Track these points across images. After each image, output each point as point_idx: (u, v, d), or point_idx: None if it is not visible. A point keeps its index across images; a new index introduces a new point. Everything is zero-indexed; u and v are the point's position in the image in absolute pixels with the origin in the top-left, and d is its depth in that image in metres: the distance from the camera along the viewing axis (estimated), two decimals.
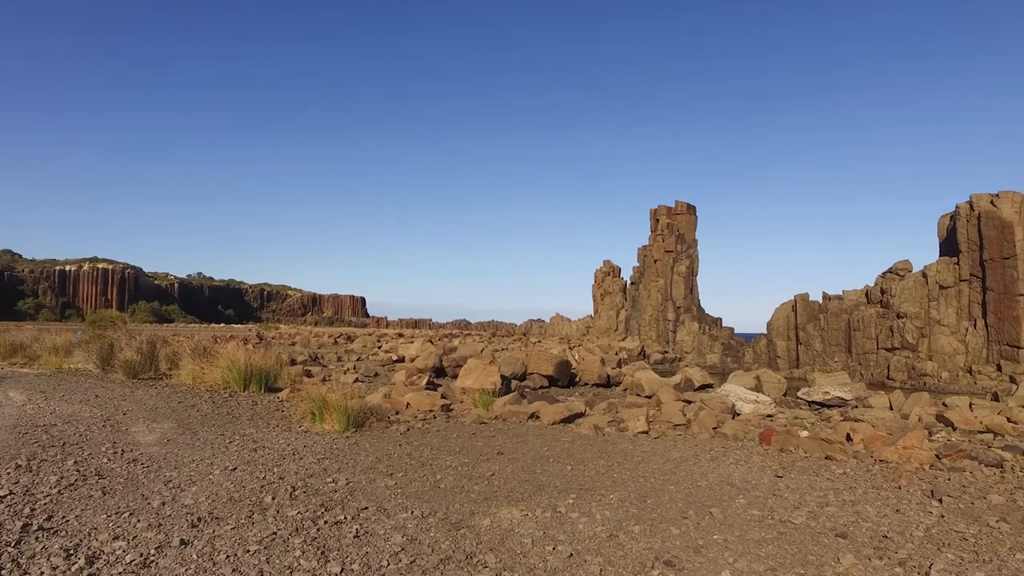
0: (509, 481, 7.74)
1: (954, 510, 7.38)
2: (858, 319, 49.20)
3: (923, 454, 11.40)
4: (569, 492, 7.31)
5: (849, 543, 6.02)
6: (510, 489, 7.36)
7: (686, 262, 69.88)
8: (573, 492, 7.33)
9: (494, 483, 7.61)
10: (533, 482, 7.74)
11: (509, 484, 7.59)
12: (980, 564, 5.60)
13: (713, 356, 59.59)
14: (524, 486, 7.52)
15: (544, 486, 7.55)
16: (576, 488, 7.53)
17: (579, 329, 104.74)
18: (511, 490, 7.32)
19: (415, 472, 7.94)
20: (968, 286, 45.96)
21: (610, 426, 13.20)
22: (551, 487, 7.52)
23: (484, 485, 7.49)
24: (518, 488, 7.42)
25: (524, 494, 7.16)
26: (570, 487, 7.56)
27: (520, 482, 7.71)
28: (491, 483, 7.60)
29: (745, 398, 20.32)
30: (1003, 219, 44.71)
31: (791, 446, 11.88)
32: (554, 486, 7.57)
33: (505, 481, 7.73)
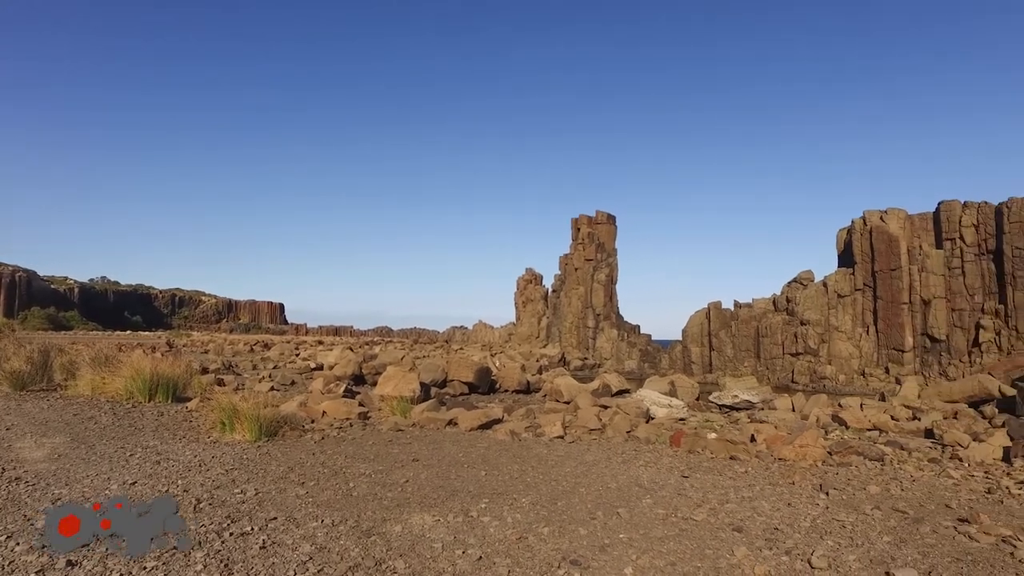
0: (423, 487, 7.76)
1: (838, 501, 7.94)
2: (766, 326, 51.75)
3: (816, 452, 12.17)
4: (482, 497, 7.41)
5: (744, 536, 6.39)
6: (423, 495, 7.39)
7: (606, 270, 71.54)
8: (486, 497, 7.43)
9: (408, 490, 7.62)
10: (447, 488, 7.79)
11: (423, 490, 7.62)
12: (853, 548, 6.08)
13: (631, 362, 61.19)
14: (437, 492, 7.57)
15: (457, 491, 7.62)
16: (489, 493, 7.63)
17: (502, 336, 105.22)
18: (424, 496, 7.35)
19: (327, 481, 7.84)
20: (862, 295, 49.28)
21: (527, 431, 13.39)
22: (464, 492, 7.59)
23: (397, 492, 7.48)
24: (431, 494, 7.45)
25: (437, 500, 7.21)
26: (483, 492, 7.65)
27: (434, 488, 7.75)
28: (404, 490, 7.61)
29: (659, 402, 21.03)
30: (891, 234, 48.26)
31: (699, 447, 12.42)
32: (467, 491, 7.65)
33: (419, 487, 7.75)
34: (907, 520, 7.18)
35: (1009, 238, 44.49)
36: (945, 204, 48.72)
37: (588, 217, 77.30)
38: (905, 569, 5.48)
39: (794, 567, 5.60)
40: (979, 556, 6.01)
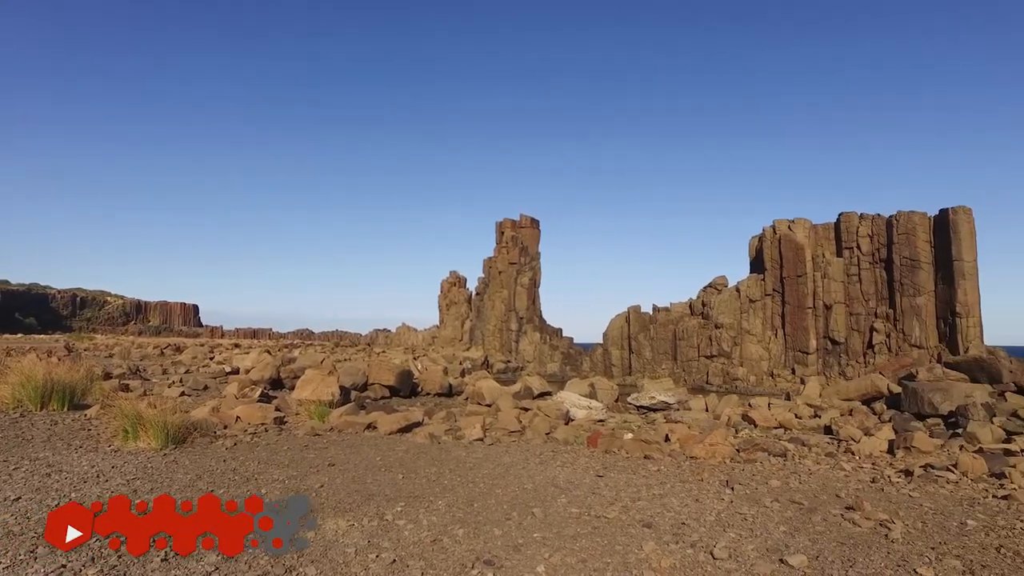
0: (338, 492, 7.65)
1: (742, 496, 8.36)
2: (683, 329, 53.62)
3: (725, 449, 12.74)
4: (398, 500, 7.38)
5: (653, 532, 6.63)
6: (338, 500, 7.29)
7: (529, 274, 72.31)
8: (402, 500, 7.40)
9: (322, 495, 7.49)
10: (363, 492, 7.70)
11: (338, 495, 7.51)
12: (753, 539, 6.44)
13: (553, 365, 62.03)
14: (353, 496, 7.47)
15: (373, 495, 7.55)
16: (406, 496, 7.60)
17: (425, 339, 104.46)
18: (339, 501, 7.25)
19: (238, 488, 7.60)
20: (771, 300, 51.91)
21: (447, 434, 13.39)
22: (380, 496, 7.53)
23: (312, 497, 7.34)
24: (347, 499, 7.35)
25: (352, 504, 7.12)
26: (400, 495, 7.62)
27: (349, 492, 7.65)
28: (319, 495, 7.47)
29: (579, 404, 21.43)
30: (798, 242, 51.11)
31: (615, 448, 12.76)
32: (384, 495, 7.59)
33: (334, 492, 7.63)
34: (802, 510, 7.64)
35: (898, 248, 48.01)
36: (845, 216, 52.05)
37: (512, 221, 77.94)
38: (796, 555, 5.84)
39: (698, 559, 5.86)
40: (860, 539, 6.49)
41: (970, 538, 6.64)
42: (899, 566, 5.74)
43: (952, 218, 46.42)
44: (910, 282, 47.02)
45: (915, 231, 48.03)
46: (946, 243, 46.21)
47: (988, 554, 6.15)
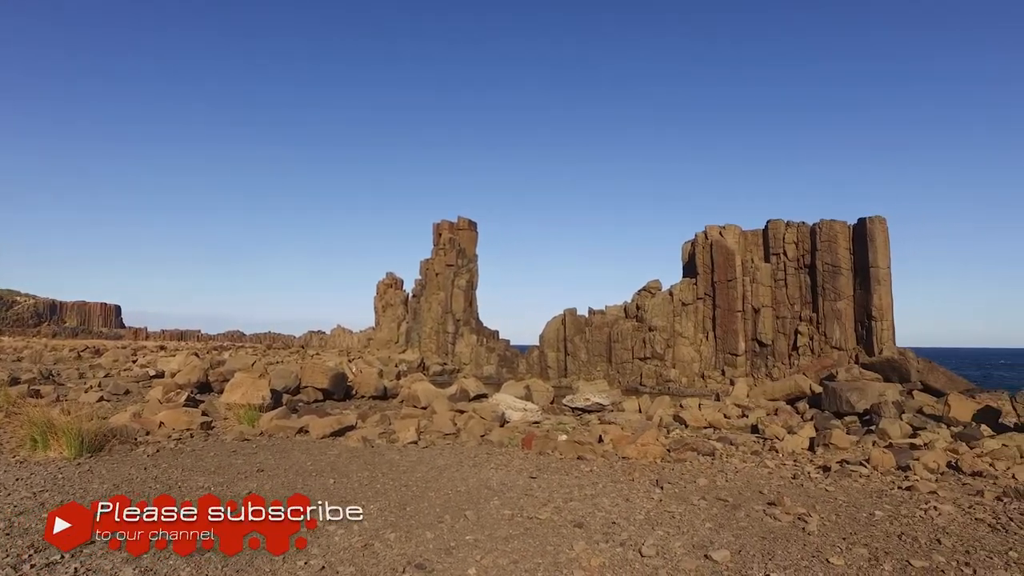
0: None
1: (671, 494, 8.59)
2: (618, 332, 54.60)
3: (656, 449, 13.06)
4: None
5: (584, 531, 6.74)
6: None
7: (466, 276, 72.15)
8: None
9: None
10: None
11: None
12: (680, 536, 6.63)
13: (490, 367, 62.08)
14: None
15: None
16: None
17: (361, 341, 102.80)
18: None
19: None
20: (703, 303, 53.51)
21: (381, 438, 13.23)
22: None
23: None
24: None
25: None
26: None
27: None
28: None
29: (514, 406, 21.53)
30: (728, 248, 52.91)
31: (549, 449, 12.89)
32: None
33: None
34: (727, 507, 7.91)
35: (820, 255, 50.36)
36: (772, 223, 54.21)
37: (450, 223, 77.64)
38: (719, 551, 6.05)
39: (627, 557, 5.99)
40: (779, 533, 6.77)
41: (877, 527, 7.03)
42: (813, 556, 6.02)
43: (869, 227, 49.01)
44: (831, 287, 49.37)
45: (836, 239, 50.47)
46: (864, 250, 48.75)
47: (891, 541, 6.53)
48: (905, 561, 5.91)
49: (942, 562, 5.91)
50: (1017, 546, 6.44)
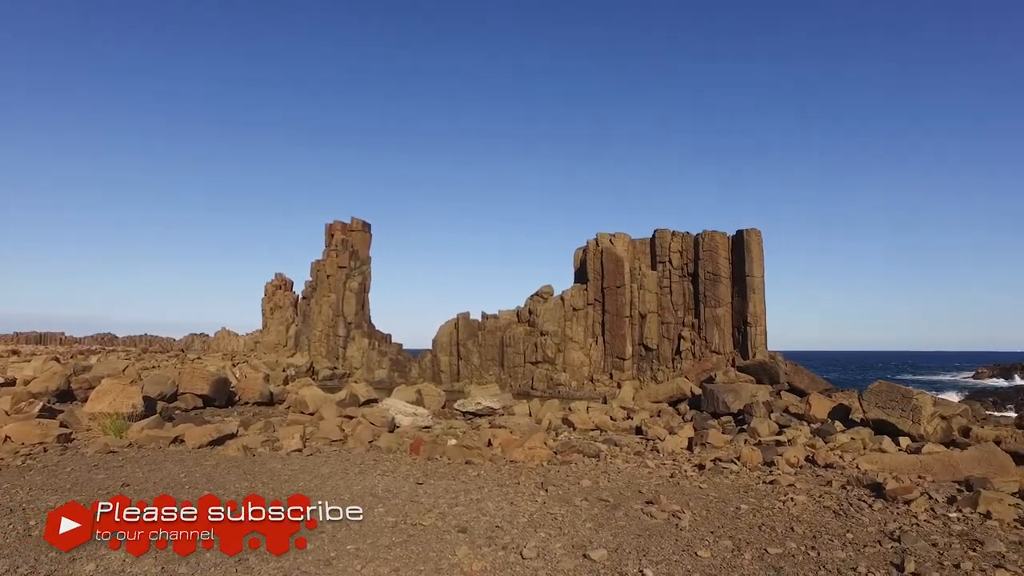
0: None
1: (555, 496, 8.80)
2: (510, 336, 55.26)
3: (543, 452, 13.33)
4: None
5: (467, 536, 6.78)
6: None
7: (359, 278, 70.58)
8: None
9: None
10: None
11: None
12: (561, 537, 6.82)
13: (381, 371, 61.05)
14: None
15: None
16: None
17: (247, 344, 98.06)
18: None
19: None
20: (593, 309, 55.22)
21: (264, 446, 12.70)
22: None
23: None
24: None
25: None
26: None
27: None
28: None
29: (405, 411, 21.30)
30: (617, 255, 54.95)
31: (437, 454, 12.85)
32: None
33: None
34: (608, 507, 8.21)
35: (703, 263, 53.37)
36: (659, 232, 56.87)
37: (343, 223, 75.65)
38: (597, 550, 6.28)
39: (508, 560, 6.09)
40: (655, 530, 7.12)
41: (741, 520, 7.54)
42: (684, 550, 6.37)
43: (746, 238, 52.43)
44: (712, 294, 52.39)
45: (717, 249, 53.63)
46: (741, 260, 52.08)
47: (753, 532, 7.03)
48: (763, 549, 6.38)
49: (793, 548, 6.43)
50: (854, 528, 7.12)
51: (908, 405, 18.46)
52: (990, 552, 6.29)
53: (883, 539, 6.74)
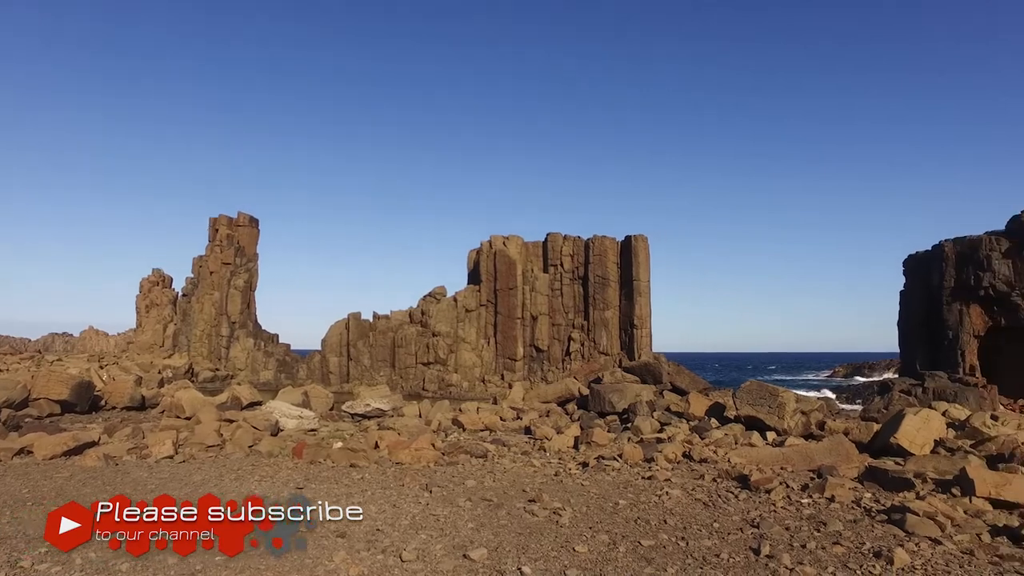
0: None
1: (439, 498, 8.76)
2: (402, 337, 54.60)
3: (430, 453, 13.24)
4: (44, 541, 6.29)
5: (346, 541, 6.61)
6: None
7: (245, 276, 67.32)
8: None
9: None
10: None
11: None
12: (442, 538, 6.80)
13: (267, 373, 58.59)
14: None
15: (7, 537, 6.32)
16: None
17: (119, 345, 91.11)
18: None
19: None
20: (485, 310, 55.62)
21: (130, 454, 11.83)
22: (18, 538, 6.34)
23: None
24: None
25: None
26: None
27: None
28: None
29: (290, 414, 20.53)
30: (510, 257, 55.68)
31: (322, 457, 12.46)
32: (23, 536, 6.41)
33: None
34: (491, 507, 8.27)
35: (592, 267, 55.12)
36: (551, 235, 58.14)
37: (229, 218, 71.83)
38: (478, 549, 6.31)
39: (387, 563, 6.00)
40: (535, 527, 7.25)
41: (619, 515, 7.83)
42: (562, 547, 6.52)
43: (633, 244, 54.67)
44: (601, 297, 54.17)
45: (606, 253, 55.53)
46: (629, 264, 54.24)
47: (629, 526, 7.31)
48: (637, 542, 6.65)
49: (665, 539, 6.75)
50: (721, 517, 7.58)
51: (774, 402, 19.84)
52: (831, 531, 6.89)
53: (745, 526, 7.21)
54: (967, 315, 41.25)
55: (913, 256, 47.87)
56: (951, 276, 42.53)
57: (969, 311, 41.22)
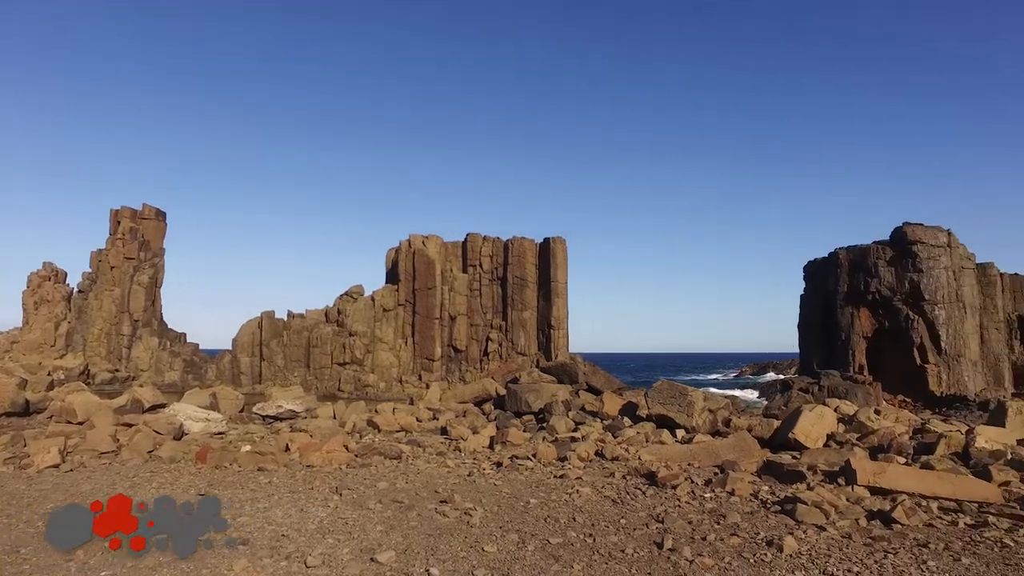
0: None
1: (349, 501, 8.59)
2: (317, 336, 53.22)
3: (342, 455, 12.97)
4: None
5: (248, 549, 6.37)
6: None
7: (150, 271, 63.71)
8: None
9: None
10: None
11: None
12: (350, 542, 6.67)
13: (173, 374, 55.74)
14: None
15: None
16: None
17: (2, 345, 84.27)
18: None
19: None
20: (403, 309, 55.00)
21: (7, 464, 10.97)
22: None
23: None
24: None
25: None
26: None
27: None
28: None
29: (196, 417, 19.66)
30: (429, 257, 55.33)
31: (228, 462, 11.96)
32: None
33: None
34: (402, 508, 8.18)
35: (511, 268, 55.55)
36: (471, 236, 58.15)
37: (132, 210, 67.71)
38: (386, 552, 6.23)
39: (291, 570, 5.83)
40: (446, 528, 7.23)
41: (530, 514, 7.92)
42: (471, 547, 6.53)
43: (552, 246, 55.44)
44: (519, 298, 54.63)
45: (525, 254, 56.06)
46: (547, 266, 54.95)
47: (539, 524, 7.41)
48: (545, 540, 6.74)
49: (573, 536, 6.88)
50: (628, 514, 7.80)
51: (684, 401, 20.59)
52: (729, 523, 7.23)
53: (650, 522, 7.45)
54: (857, 318, 44.19)
55: (812, 263, 50.83)
56: (844, 282, 45.46)
57: (859, 314, 44.18)
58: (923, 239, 42.64)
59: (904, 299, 42.38)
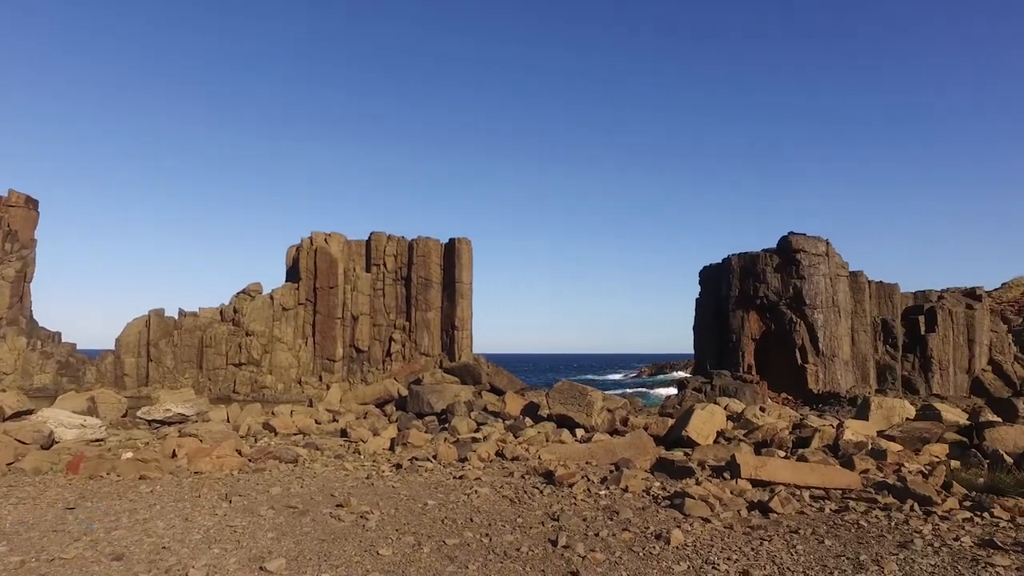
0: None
1: (239, 507, 8.23)
2: (211, 336, 50.65)
3: (234, 460, 12.41)
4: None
5: (123, 564, 5.97)
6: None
7: (17, 264, 58.40)
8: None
9: None
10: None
11: None
12: (238, 551, 6.39)
13: (45, 377, 51.36)
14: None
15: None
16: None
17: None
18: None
19: None
20: (304, 309, 53.33)
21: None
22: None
23: None
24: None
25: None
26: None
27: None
28: None
29: (70, 423, 18.25)
30: (332, 255, 53.93)
31: (104, 471, 11.16)
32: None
33: None
34: (295, 514, 7.92)
35: (416, 268, 55.06)
36: (375, 235, 57.12)
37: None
38: (276, 560, 6.01)
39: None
40: (340, 533, 7.07)
41: (427, 515, 7.87)
42: (366, 551, 6.42)
43: (457, 246, 55.39)
44: (423, 298, 54.19)
45: (430, 255, 55.68)
46: (452, 267, 54.83)
47: (436, 526, 7.39)
48: (442, 541, 6.73)
49: (470, 537, 6.90)
50: (525, 513, 7.92)
51: (583, 400, 21.11)
52: (622, 519, 7.49)
53: (546, 520, 7.59)
54: (747, 321, 46.92)
55: (707, 268, 53.50)
56: (736, 286, 48.15)
57: (749, 317, 46.93)
58: (805, 248, 45.88)
59: (788, 303, 45.42)
